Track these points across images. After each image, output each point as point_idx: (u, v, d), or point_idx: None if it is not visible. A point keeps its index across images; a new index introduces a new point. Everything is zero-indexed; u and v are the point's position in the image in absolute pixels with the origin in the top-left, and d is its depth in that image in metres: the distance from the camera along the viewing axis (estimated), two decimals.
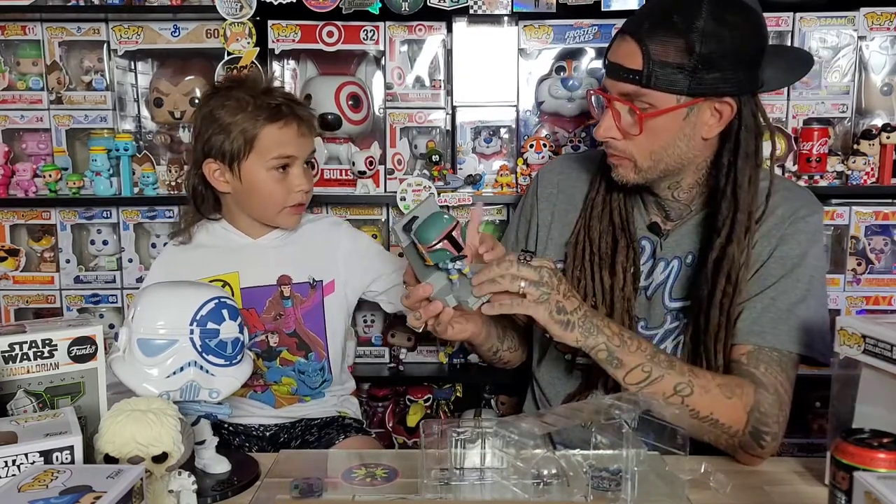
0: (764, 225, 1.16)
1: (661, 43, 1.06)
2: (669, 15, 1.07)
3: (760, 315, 1.12)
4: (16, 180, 1.82)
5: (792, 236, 1.16)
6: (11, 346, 0.91)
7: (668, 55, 1.06)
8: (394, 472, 1.00)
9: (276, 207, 1.35)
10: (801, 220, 1.17)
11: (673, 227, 1.24)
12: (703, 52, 1.06)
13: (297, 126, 1.34)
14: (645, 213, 1.26)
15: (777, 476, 1.02)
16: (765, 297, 1.13)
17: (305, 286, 1.39)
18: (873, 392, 0.91)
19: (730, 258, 1.13)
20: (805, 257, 1.15)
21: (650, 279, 1.23)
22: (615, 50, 1.12)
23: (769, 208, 1.16)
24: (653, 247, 1.24)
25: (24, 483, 0.68)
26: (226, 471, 1.02)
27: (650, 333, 1.22)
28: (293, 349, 1.39)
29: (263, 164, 1.32)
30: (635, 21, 1.11)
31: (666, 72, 1.07)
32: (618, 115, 1.13)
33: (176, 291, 1.01)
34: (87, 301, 1.86)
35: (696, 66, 1.06)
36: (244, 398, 1.37)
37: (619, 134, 1.14)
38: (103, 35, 1.80)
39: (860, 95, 1.79)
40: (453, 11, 1.73)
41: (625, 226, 1.23)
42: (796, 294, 1.13)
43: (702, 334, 1.14)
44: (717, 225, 1.15)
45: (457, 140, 1.83)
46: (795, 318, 1.12)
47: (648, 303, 1.23)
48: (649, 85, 1.08)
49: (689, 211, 1.23)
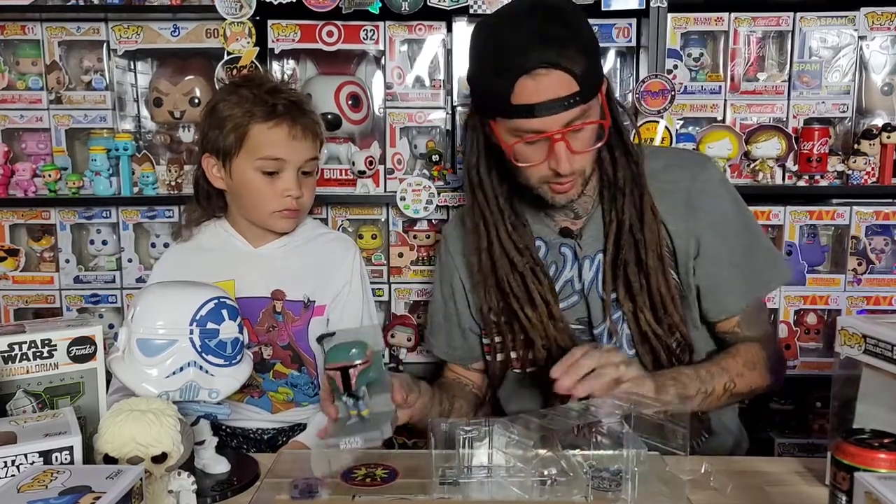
0: (665, 200, 1.20)
1: (571, 57, 1.06)
2: (554, 31, 1.06)
3: (730, 285, 1.22)
4: (15, 180, 1.82)
5: (708, 202, 1.22)
6: (11, 346, 0.91)
7: (581, 63, 1.06)
8: (394, 473, 1.00)
9: (265, 210, 1.31)
10: (704, 182, 1.23)
11: (584, 224, 1.26)
12: (590, 42, 1.10)
13: (289, 128, 1.28)
14: (551, 222, 1.27)
15: (777, 476, 1.01)
16: (723, 267, 1.22)
17: (299, 305, 1.35)
18: (874, 392, 0.91)
19: (628, 237, 1.19)
20: (730, 212, 1.24)
21: (581, 280, 1.25)
22: (538, 89, 1.06)
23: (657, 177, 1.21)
24: (572, 249, 1.26)
25: (23, 483, 0.68)
26: (225, 471, 1.02)
27: (598, 331, 1.24)
28: (287, 362, 1.36)
29: (252, 164, 1.28)
30: (537, 54, 1.05)
31: (589, 78, 1.08)
32: (568, 142, 1.10)
33: (175, 291, 1.01)
34: (87, 301, 1.86)
35: (593, 56, 1.11)
36: (241, 403, 1.36)
37: (576, 157, 1.12)
38: (103, 35, 1.80)
39: (861, 95, 1.80)
40: (453, 11, 1.73)
41: (525, 256, 1.23)
42: (743, 245, 1.24)
43: (643, 322, 1.19)
44: (610, 209, 1.21)
45: (457, 140, 1.83)
46: (752, 265, 1.24)
47: (587, 301, 1.24)
48: (588, 98, 1.09)
49: (594, 202, 1.25)
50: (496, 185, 1.24)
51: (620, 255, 1.19)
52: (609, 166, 1.21)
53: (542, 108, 1.07)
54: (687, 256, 1.22)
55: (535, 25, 1.06)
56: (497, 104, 1.10)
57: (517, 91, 1.07)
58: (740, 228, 1.24)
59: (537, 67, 1.05)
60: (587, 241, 1.25)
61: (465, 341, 1.37)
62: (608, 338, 1.23)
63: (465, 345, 1.38)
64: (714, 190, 1.23)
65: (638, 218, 1.18)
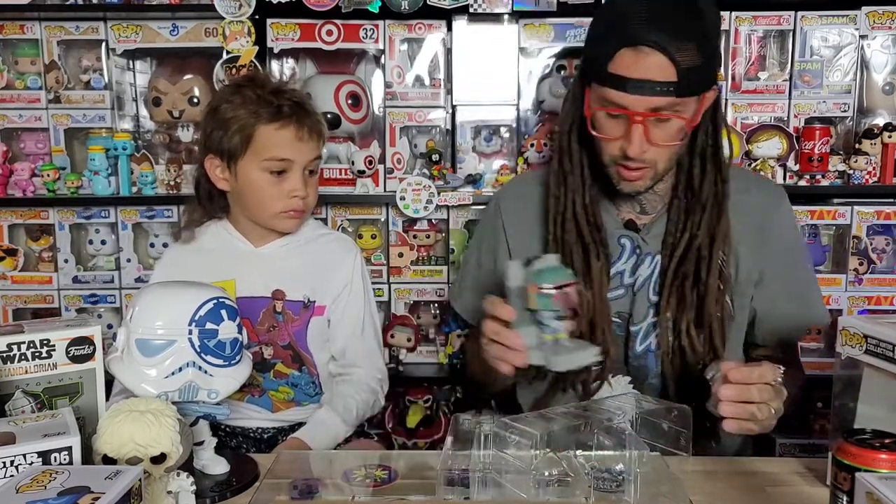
0: (739, 222, 1.21)
1: (684, 49, 1.04)
2: (680, 20, 1.05)
3: (787, 316, 1.24)
4: (14, 180, 1.82)
5: (780, 232, 1.24)
6: (9, 346, 0.91)
7: (691, 60, 1.05)
8: (393, 473, 1.00)
9: (270, 211, 1.32)
10: (778, 211, 1.25)
11: (650, 221, 1.25)
12: (713, 46, 1.09)
13: (295, 129, 1.29)
14: (615, 211, 1.26)
15: (778, 477, 1.01)
16: (784, 297, 1.24)
17: (298, 305, 1.35)
18: (875, 392, 0.91)
19: (696, 252, 1.18)
20: (797, 246, 1.27)
21: (636, 275, 1.24)
22: (637, 64, 1.05)
23: (736, 199, 1.20)
24: (633, 243, 1.25)
25: (22, 484, 0.68)
26: (224, 472, 1.01)
27: (636, 328, 1.23)
28: (288, 362, 1.36)
29: (258, 165, 1.28)
30: (648, 29, 1.04)
31: (693, 77, 1.06)
32: (647, 128, 1.09)
33: (174, 291, 1.01)
34: (86, 301, 1.86)
35: (710, 63, 1.09)
36: (241, 402, 1.35)
37: (651, 147, 1.11)
38: (102, 34, 1.80)
39: (862, 94, 1.80)
40: (453, 10, 1.73)
41: (594, 234, 1.22)
42: (802, 281, 1.27)
43: (684, 337, 1.19)
44: (684, 219, 1.20)
45: (457, 139, 1.82)
46: (807, 301, 1.26)
47: (634, 298, 1.24)
48: (684, 94, 1.07)
49: (663, 203, 1.24)
50: (583, 157, 1.23)
51: (682, 267, 1.19)
52: (696, 177, 1.20)
53: (633, 84, 1.06)
54: (748, 280, 1.23)
55: (664, 3, 1.06)
56: (595, 68, 1.11)
57: (616, 60, 1.06)
58: (802, 263, 1.28)
59: (643, 44, 1.04)
60: (650, 239, 1.24)
61: None
62: (643, 338, 1.23)
63: None
64: (787, 222, 1.27)
65: (709, 236, 1.18)
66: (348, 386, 1.35)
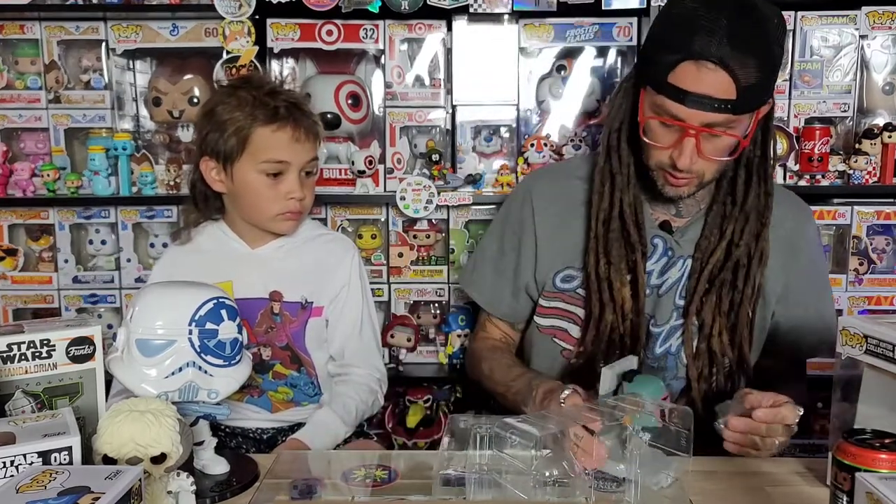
0: (773, 233, 1.21)
1: (747, 67, 1.03)
2: (746, 35, 1.03)
3: (808, 330, 1.26)
4: (14, 180, 1.82)
5: (807, 249, 1.27)
6: (9, 346, 0.91)
7: (752, 77, 1.04)
8: (393, 473, 1.00)
9: (267, 213, 1.31)
10: (807, 228, 1.28)
11: (685, 225, 1.25)
12: (775, 64, 1.08)
13: (292, 131, 1.28)
14: (651, 212, 1.26)
15: (778, 477, 1.01)
16: (808, 313, 1.26)
17: (296, 306, 1.35)
18: (875, 392, 0.91)
19: (734, 260, 1.18)
20: (820, 261, 1.31)
21: (665, 277, 1.24)
22: (698, 79, 1.04)
23: (775, 215, 1.20)
24: (666, 245, 1.24)
25: (22, 484, 0.68)
26: (225, 472, 1.01)
27: (657, 330, 1.22)
28: (286, 363, 1.36)
29: (254, 167, 1.28)
30: (714, 44, 1.02)
31: (752, 94, 1.06)
32: (699, 141, 1.09)
33: (174, 292, 1.01)
34: (86, 301, 1.86)
35: (770, 78, 1.08)
36: (241, 403, 1.35)
37: (700, 159, 1.11)
38: (102, 34, 1.80)
39: (862, 95, 1.79)
40: (453, 10, 1.73)
41: (639, 233, 1.22)
42: (824, 299, 1.30)
43: (715, 341, 1.20)
44: (723, 226, 1.19)
45: (457, 139, 1.82)
46: (825, 319, 1.27)
47: (659, 300, 1.24)
48: (742, 111, 1.07)
49: (699, 208, 1.24)
50: (630, 155, 1.22)
51: (721, 273, 1.19)
52: (740, 186, 1.20)
53: (692, 98, 1.05)
54: (773, 293, 1.24)
55: (730, 18, 1.03)
56: (654, 74, 1.10)
57: (678, 71, 1.05)
58: (825, 282, 1.32)
59: (708, 60, 1.03)
60: (684, 243, 1.24)
61: (515, 300, 1.36)
62: (663, 341, 1.23)
63: (513, 302, 1.36)
64: (814, 239, 1.30)
65: (750, 245, 1.19)
66: (347, 386, 1.35)
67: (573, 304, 1.29)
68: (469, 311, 1.81)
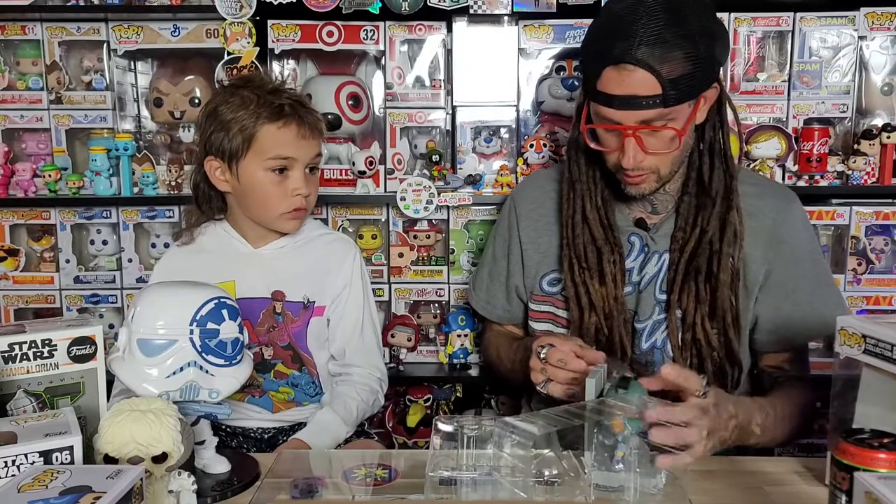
0: (749, 225, 1.21)
1: (668, 61, 1.06)
2: (661, 32, 1.06)
3: (790, 322, 1.23)
4: (15, 180, 1.82)
5: (790, 238, 1.24)
6: (11, 346, 0.91)
7: (677, 70, 1.07)
8: (394, 472, 1.00)
9: (273, 211, 1.32)
10: (790, 218, 1.25)
11: (660, 220, 1.27)
12: (703, 53, 1.08)
13: (297, 128, 1.29)
14: (626, 210, 1.29)
15: (777, 476, 1.01)
16: (790, 303, 1.23)
17: (298, 306, 1.35)
18: (873, 392, 0.91)
19: (706, 246, 1.19)
20: (807, 251, 1.26)
21: (643, 273, 1.26)
22: (621, 82, 1.08)
23: (749, 203, 1.22)
24: (642, 241, 1.26)
25: (23, 483, 0.68)
26: (226, 471, 1.02)
27: (641, 326, 1.24)
28: (288, 362, 1.36)
29: (261, 165, 1.29)
30: (629, 48, 1.06)
31: (681, 85, 1.08)
32: (640, 139, 1.12)
33: (176, 291, 1.01)
34: (87, 301, 1.86)
35: (700, 67, 1.09)
36: (242, 402, 1.35)
37: (647, 156, 1.14)
38: (103, 35, 1.80)
39: (861, 95, 1.79)
40: (453, 11, 1.73)
41: (608, 234, 1.25)
42: (812, 287, 1.25)
43: (699, 330, 1.20)
44: (696, 215, 1.21)
45: (457, 140, 1.83)
46: (817, 308, 1.23)
47: (639, 296, 1.26)
48: (673, 103, 1.09)
49: (673, 202, 1.26)
50: (591, 162, 1.26)
51: (694, 261, 1.20)
52: (705, 172, 1.21)
53: (619, 101, 1.10)
54: (754, 283, 1.24)
55: (641, 19, 1.06)
56: (587, 84, 1.15)
57: (603, 78, 1.10)
58: (812, 269, 1.27)
59: (624, 62, 1.07)
60: (658, 238, 1.26)
61: (508, 303, 1.42)
62: (648, 336, 1.24)
63: (507, 306, 1.42)
64: (798, 226, 1.27)
65: (720, 230, 1.19)
66: (348, 386, 1.35)
67: (560, 308, 1.32)
68: (469, 311, 1.81)
